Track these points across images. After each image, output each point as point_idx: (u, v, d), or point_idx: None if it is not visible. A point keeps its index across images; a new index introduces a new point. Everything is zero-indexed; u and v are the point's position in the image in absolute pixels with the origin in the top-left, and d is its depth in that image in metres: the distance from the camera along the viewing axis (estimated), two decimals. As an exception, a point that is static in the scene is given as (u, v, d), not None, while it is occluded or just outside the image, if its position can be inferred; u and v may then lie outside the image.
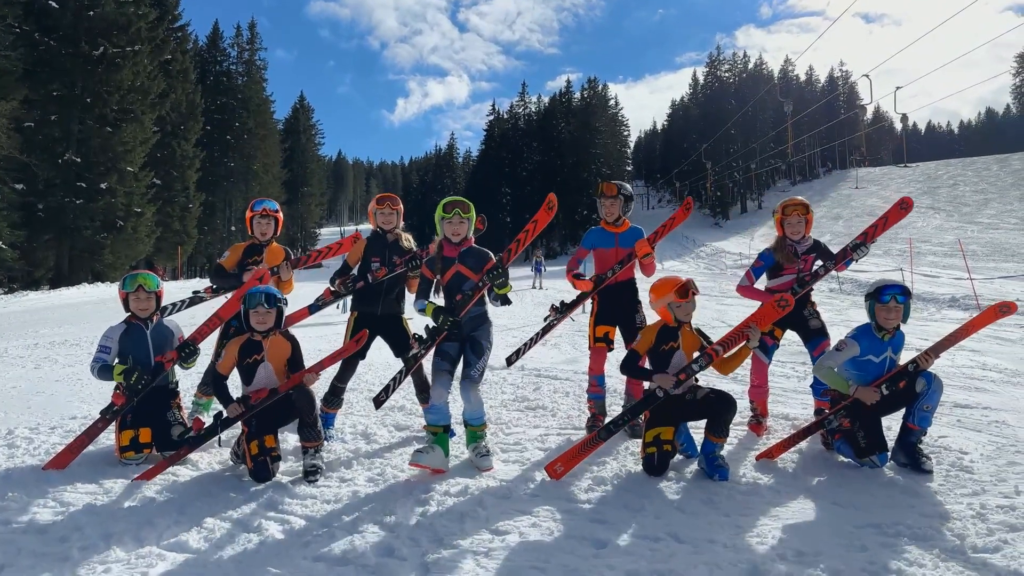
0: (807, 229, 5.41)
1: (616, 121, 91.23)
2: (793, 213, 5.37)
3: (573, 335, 11.35)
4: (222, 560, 3.24)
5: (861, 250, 5.15)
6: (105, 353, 4.84)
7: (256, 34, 66.05)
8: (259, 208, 5.78)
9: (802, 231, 5.38)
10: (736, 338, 4.55)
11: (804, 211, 5.38)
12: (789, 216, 5.38)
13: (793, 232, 5.39)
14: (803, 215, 5.37)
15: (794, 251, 5.39)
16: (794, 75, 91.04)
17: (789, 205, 5.43)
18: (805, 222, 5.38)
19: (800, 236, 5.39)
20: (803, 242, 5.41)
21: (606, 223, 5.65)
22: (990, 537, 3.39)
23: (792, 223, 5.38)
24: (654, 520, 3.68)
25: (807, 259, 5.38)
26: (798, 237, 5.39)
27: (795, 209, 5.38)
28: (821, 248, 5.46)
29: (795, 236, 5.39)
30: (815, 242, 5.46)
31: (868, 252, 5.19)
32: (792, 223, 5.38)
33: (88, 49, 31.76)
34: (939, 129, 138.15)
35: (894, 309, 4.53)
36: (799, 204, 5.42)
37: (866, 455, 4.46)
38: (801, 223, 5.37)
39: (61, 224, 31.68)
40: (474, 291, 4.71)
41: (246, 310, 4.64)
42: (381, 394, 5.10)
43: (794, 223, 5.38)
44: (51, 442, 5.21)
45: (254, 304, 4.61)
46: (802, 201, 5.46)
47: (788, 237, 5.41)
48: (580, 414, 6.04)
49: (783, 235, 5.44)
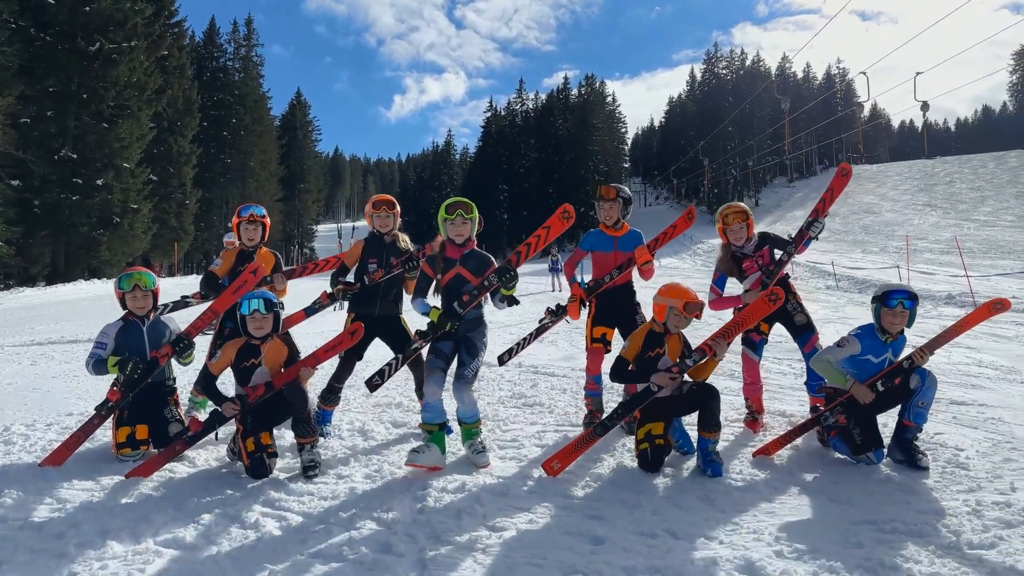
0: (749, 232, 5.48)
1: (614, 118, 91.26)
2: (734, 221, 5.45)
3: (571, 332, 11.36)
4: (219, 556, 3.24)
5: (815, 226, 5.29)
6: (101, 349, 4.84)
7: (253, 30, 65.92)
8: (246, 214, 5.76)
9: (744, 236, 5.46)
10: (705, 350, 4.56)
11: (744, 217, 5.46)
12: (731, 224, 5.46)
13: (736, 239, 5.48)
14: (743, 220, 5.45)
15: (739, 255, 5.47)
16: (791, 72, 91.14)
17: (728, 213, 5.50)
18: (746, 227, 5.45)
19: (743, 241, 5.47)
20: (747, 244, 5.48)
21: (605, 226, 5.64)
22: (986, 533, 3.40)
23: (734, 230, 5.46)
24: (651, 516, 3.69)
25: (762, 254, 5.45)
26: (741, 243, 5.48)
27: (735, 217, 5.46)
28: (771, 238, 5.54)
29: (738, 242, 5.48)
30: (760, 236, 5.54)
31: (823, 226, 5.31)
32: (734, 230, 5.46)
33: (84, 45, 31.65)
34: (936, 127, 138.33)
35: (900, 314, 4.53)
36: (738, 211, 5.49)
37: (862, 452, 4.47)
38: (743, 229, 5.45)
39: (57, 220, 31.60)
40: (480, 292, 4.70)
41: (242, 316, 4.62)
42: (375, 377, 5.04)
43: (736, 230, 5.46)
44: (47, 439, 5.20)
45: (250, 310, 4.59)
46: (740, 208, 5.52)
47: (732, 244, 5.47)
48: (577, 411, 6.04)
49: (727, 243, 5.51)
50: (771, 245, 5.48)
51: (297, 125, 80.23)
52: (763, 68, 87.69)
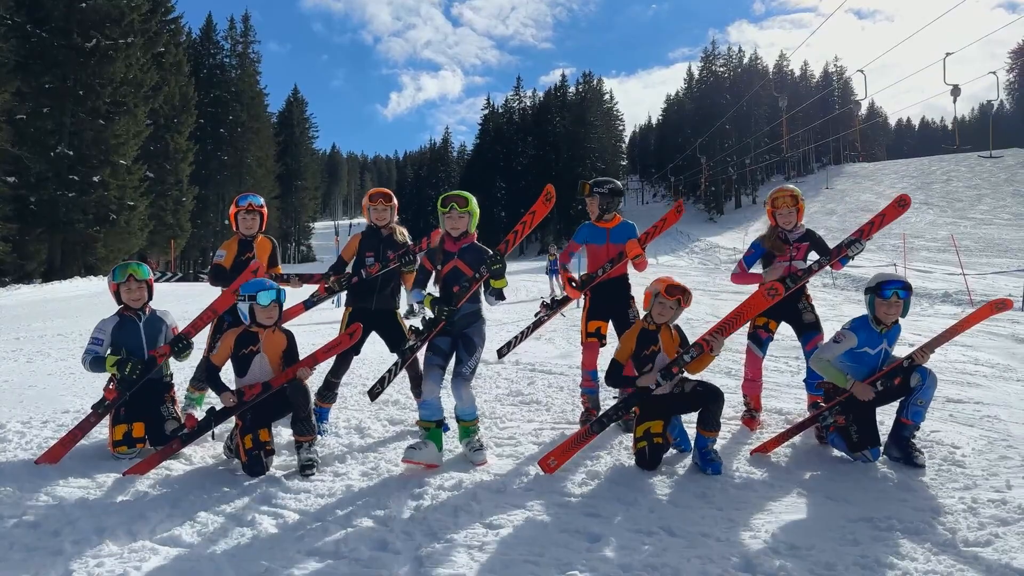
0: (799, 217, 5.45)
1: (611, 116, 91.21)
2: (783, 204, 5.41)
3: (567, 330, 11.36)
4: (215, 554, 3.24)
5: (856, 246, 5.20)
6: (97, 345, 4.82)
7: (250, 27, 65.90)
8: (244, 203, 5.75)
9: (793, 220, 5.42)
10: (726, 327, 4.56)
11: (793, 201, 5.42)
12: (779, 207, 5.43)
13: (785, 222, 5.43)
14: (792, 205, 5.41)
15: (784, 238, 5.42)
16: (789, 70, 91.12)
17: (778, 196, 5.47)
18: (796, 211, 5.42)
19: (792, 225, 5.43)
20: (795, 231, 5.44)
21: (598, 219, 5.65)
22: (981, 531, 3.40)
23: (783, 213, 5.42)
24: (647, 514, 3.69)
25: (800, 247, 5.41)
26: (790, 226, 5.43)
27: (784, 200, 5.42)
28: (815, 239, 5.49)
29: (787, 225, 5.43)
30: (808, 231, 5.49)
31: (863, 248, 5.23)
32: (783, 213, 5.42)
33: (80, 41, 31.55)
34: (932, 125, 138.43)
35: (895, 304, 4.54)
36: (788, 194, 5.46)
37: (859, 449, 4.48)
38: (792, 212, 5.40)
39: (53, 217, 31.51)
40: (471, 283, 4.71)
41: (252, 306, 4.61)
42: (376, 386, 5.10)
43: (784, 213, 5.41)
44: (43, 436, 5.19)
45: (268, 301, 4.59)
46: (791, 191, 5.49)
47: (780, 227, 5.44)
48: (574, 408, 6.05)
49: (775, 224, 5.47)
50: (812, 244, 5.45)
51: (294, 122, 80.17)
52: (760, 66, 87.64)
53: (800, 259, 5.40)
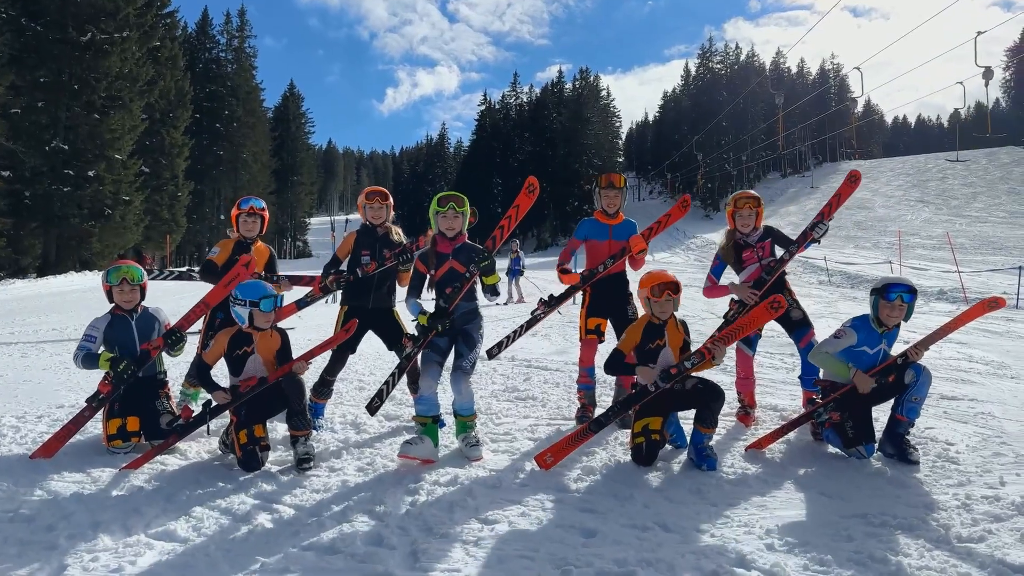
0: (758, 221, 5.49)
1: (608, 112, 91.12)
2: (744, 206, 5.46)
3: (564, 326, 11.36)
4: (210, 549, 3.23)
5: (819, 228, 5.30)
6: (90, 342, 4.81)
7: (246, 21, 65.63)
8: (246, 206, 5.74)
9: (752, 223, 5.47)
10: (729, 337, 4.57)
11: (755, 204, 5.47)
12: (740, 209, 5.46)
13: (743, 225, 5.48)
14: (754, 208, 5.46)
15: (743, 243, 5.47)
16: (786, 68, 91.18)
17: (740, 198, 5.50)
18: (756, 215, 5.46)
19: (750, 228, 5.47)
20: (752, 234, 5.48)
21: (604, 215, 5.63)
22: (975, 527, 3.42)
23: (743, 215, 5.46)
24: (643, 509, 3.70)
25: (763, 245, 5.46)
26: (748, 230, 5.48)
27: (747, 203, 5.46)
28: (775, 233, 5.55)
29: (745, 229, 5.48)
30: (766, 228, 5.55)
31: (827, 229, 5.33)
32: (743, 215, 5.46)
33: (75, 35, 31.41)
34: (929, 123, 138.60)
35: (899, 308, 4.55)
36: (750, 197, 5.50)
37: (854, 445, 4.49)
38: (752, 216, 5.45)
39: (48, 212, 31.40)
40: (463, 283, 4.70)
41: (252, 310, 4.60)
42: (375, 399, 5.07)
43: (745, 215, 5.46)
44: (38, 431, 5.18)
45: (270, 308, 4.58)
46: (753, 194, 5.54)
47: (738, 230, 5.49)
48: (570, 404, 6.05)
49: (733, 228, 5.52)
50: (774, 239, 5.49)
51: (290, 117, 79.87)
52: (757, 63, 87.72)
53: (767, 256, 5.44)
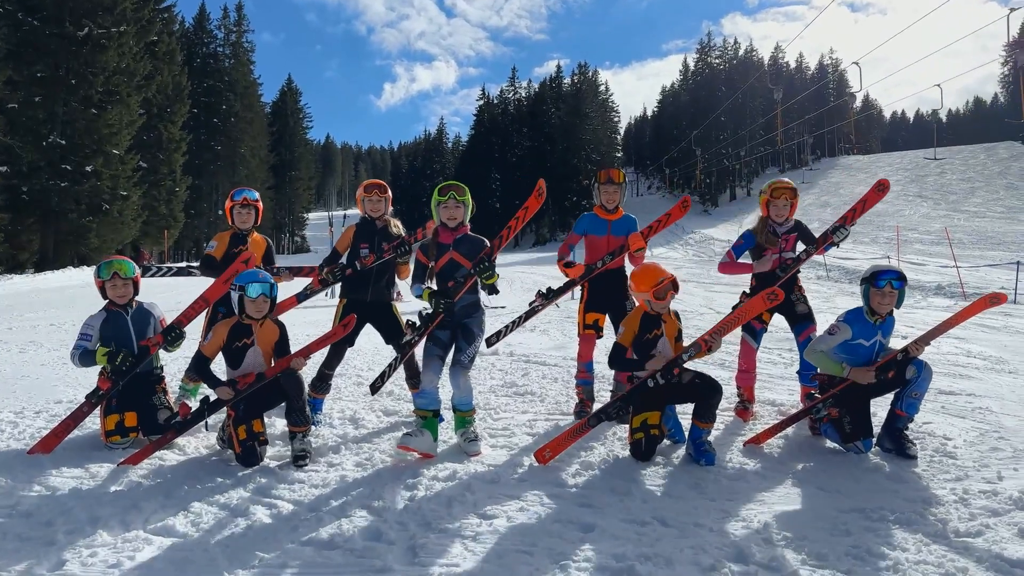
0: (791, 212, 5.47)
1: (606, 107, 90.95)
2: (781, 196, 5.42)
3: (562, 321, 11.36)
4: (209, 544, 3.24)
5: (840, 232, 5.27)
6: (86, 340, 4.79)
7: (243, 16, 65.24)
8: (239, 198, 5.74)
9: (786, 214, 5.45)
10: (725, 328, 4.57)
11: (792, 195, 5.44)
12: (777, 199, 5.43)
13: (778, 215, 5.44)
14: (790, 199, 5.43)
15: (774, 231, 5.44)
16: (784, 62, 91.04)
17: (778, 188, 5.46)
18: (790, 206, 5.43)
19: (783, 219, 5.45)
20: (784, 224, 5.46)
21: (603, 210, 5.62)
22: (972, 522, 3.43)
23: (778, 206, 5.43)
24: (641, 504, 3.70)
25: (788, 238, 5.44)
26: (781, 219, 5.45)
27: (783, 192, 5.42)
28: (803, 229, 5.53)
29: (779, 219, 5.45)
30: (796, 223, 5.52)
31: (848, 234, 5.30)
32: (778, 206, 5.43)
33: (72, 29, 31.28)
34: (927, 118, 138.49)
35: (889, 294, 4.55)
36: (787, 188, 5.46)
37: (852, 440, 4.50)
38: (787, 206, 5.42)
39: (46, 207, 31.31)
40: (466, 278, 4.70)
41: (241, 297, 4.59)
42: (377, 380, 5.10)
43: (780, 206, 5.42)
44: (36, 426, 5.18)
45: (256, 294, 4.56)
46: (790, 184, 5.51)
47: (772, 219, 5.45)
48: (568, 400, 6.05)
49: (767, 215, 5.48)
50: (800, 235, 5.48)
51: (288, 112, 79.57)
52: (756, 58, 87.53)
53: (789, 250, 5.43)
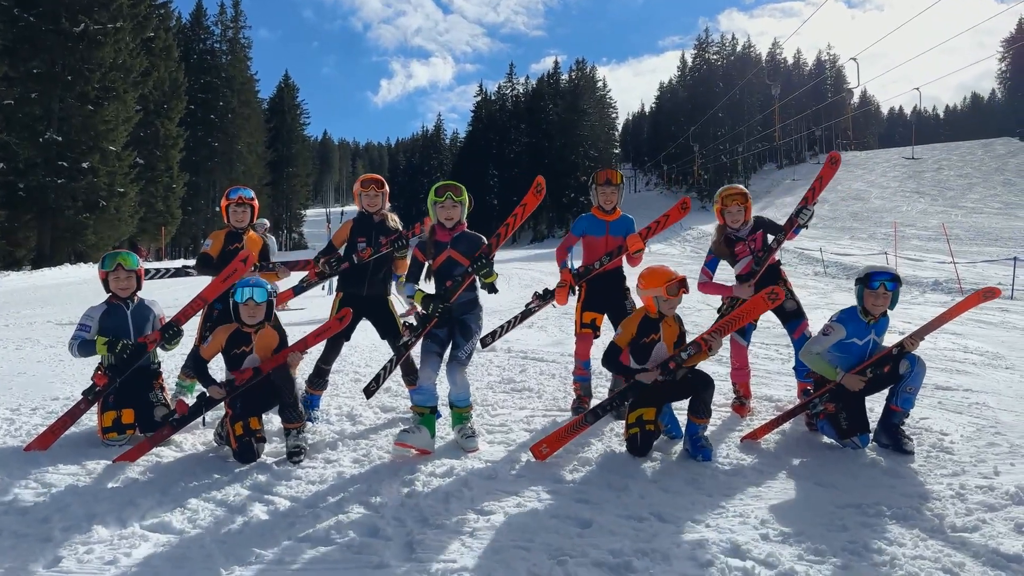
0: (747, 215, 5.49)
1: (604, 103, 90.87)
2: (733, 203, 5.47)
3: (559, 318, 11.36)
4: (205, 541, 3.23)
5: (804, 213, 5.34)
6: (85, 331, 4.79)
7: (240, 12, 65.01)
8: (234, 196, 5.73)
9: (741, 218, 5.48)
10: (725, 328, 4.57)
11: (743, 199, 5.48)
12: (729, 206, 5.47)
13: (733, 220, 5.49)
14: (742, 203, 5.46)
15: (735, 237, 5.48)
16: (782, 58, 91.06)
17: (728, 195, 5.51)
18: (744, 209, 5.47)
19: (739, 223, 5.48)
20: (743, 228, 5.49)
21: (601, 210, 5.61)
22: (969, 516, 3.44)
23: (732, 212, 5.47)
24: (638, 500, 3.70)
25: (755, 237, 5.47)
26: (737, 225, 5.49)
27: (734, 199, 5.48)
28: (766, 223, 5.56)
29: (735, 224, 5.49)
30: (756, 219, 5.55)
31: (812, 214, 5.36)
32: (732, 212, 5.47)
33: (69, 26, 31.14)
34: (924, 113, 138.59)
35: (883, 295, 4.56)
36: (737, 193, 5.52)
37: (848, 436, 4.51)
38: (740, 211, 5.46)
39: (42, 204, 31.21)
40: (464, 276, 4.70)
41: (235, 303, 4.58)
42: (372, 383, 5.09)
43: (734, 212, 5.47)
44: (33, 423, 5.17)
45: (244, 298, 4.55)
46: (740, 190, 5.56)
47: (728, 226, 5.49)
48: (566, 396, 6.05)
49: (723, 223, 5.52)
50: (765, 230, 5.50)
51: (285, 108, 79.39)
52: (754, 54, 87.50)
53: (759, 248, 5.45)
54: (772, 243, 5.41)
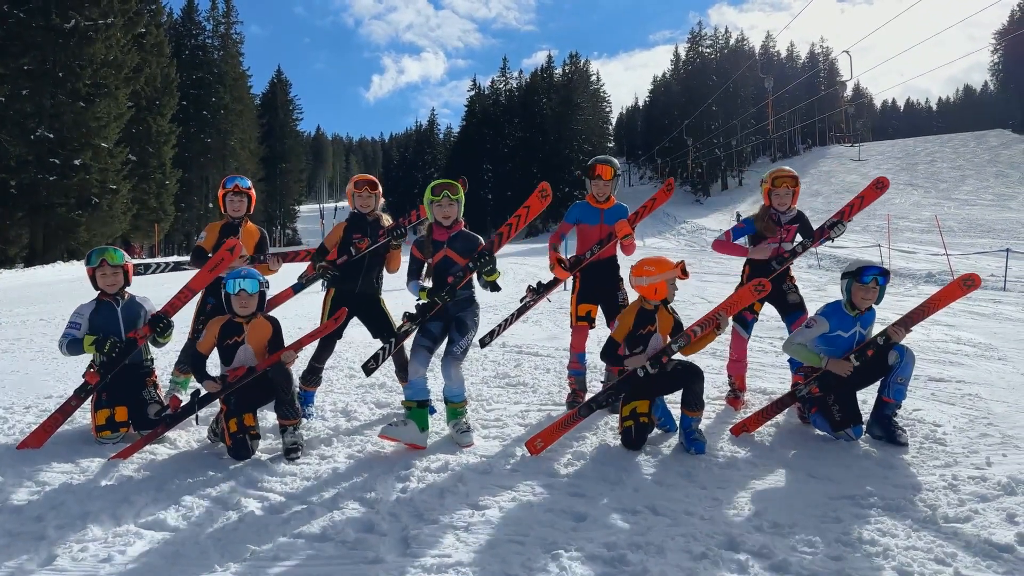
0: (794, 201, 5.46)
1: (598, 97, 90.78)
2: (782, 185, 5.40)
3: (554, 312, 11.37)
4: (200, 538, 3.23)
5: (838, 228, 5.28)
6: (75, 329, 4.77)
7: (232, 7, 64.73)
8: (231, 185, 5.70)
9: (788, 202, 5.43)
10: (710, 321, 4.57)
11: (793, 183, 5.43)
12: (778, 188, 5.41)
13: (780, 203, 5.43)
14: (791, 187, 5.42)
15: (777, 220, 5.43)
16: (775, 51, 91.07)
17: (779, 176, 5.44)
18: (792, 194, 5.43)
19: (786, 207, 5.44)
20: (787, 213, 5.45)
21: (595, 199, 5.61)
22: (961, 507, 3.45)
23: (780, 194, 5.41)
24: (632, 493, 3.71)
25: (790, 228, 5.44)
26: (784, 208, 5.44)
27: (784, 181, 5.41)
28: (804, 221, 5.51)
29: (781, 207, 5.44)
30: (799, 213, 5.51)
31: (845, 230, 5.31)
32: (780, 194, 5.41)
33: (59, 22, 30.98)
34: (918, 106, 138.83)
35: (872, 290, 4.57)
36: (788, 176, 5.45)
37: (841, 428, 4.52)
38: (789, 195, 5.42)
39: (34, 201, 31.11)
40: (464, 273, 4.69)
41: (227, 294, 4.57)
42: (370, 361, 5.07)
43: (782, 194, 5.41)
44: (26, 421, 5.16)
45: (236, 289, 4.54)
46: (791, 173, 5.49)
47: (774, 207, 5.44)
48: (560, 390, 6.06)
49: (769, 204, 5.47)
50: (801, 227, 5.47)
51: (278, 104, 79.08)
52: (747, 47, 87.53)
53: (788, 241, 5.42)
54: (798, 247, 5.37)
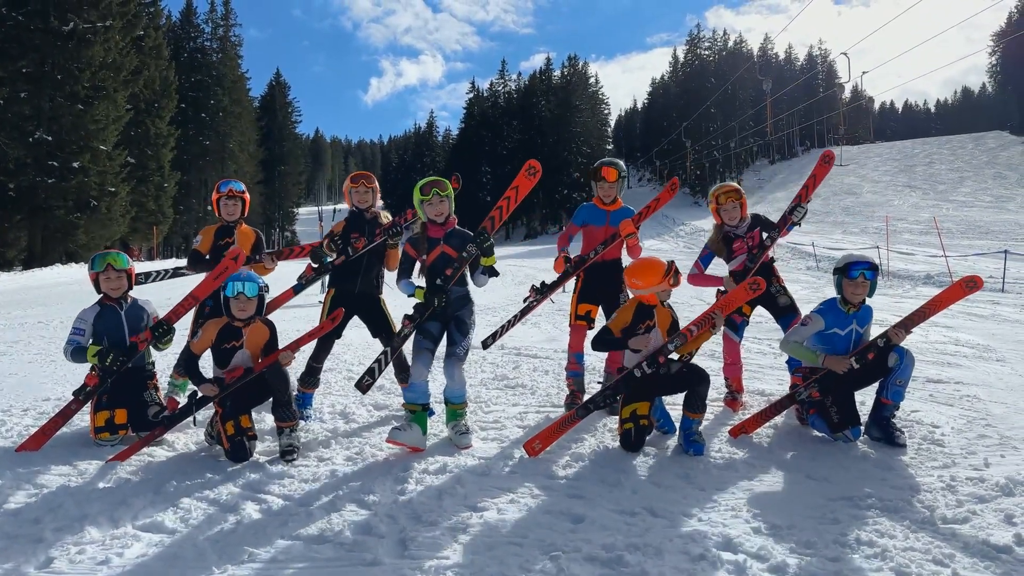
0: (743, 212, 5.51)
1: (596, 99, 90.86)
2: (728, 200, 5.48)
3: (553, 314, 11.37)
4: (198, 540, 3.22)
5: (798, 211, 5.35)
6: (79, 335, 4.76)
7: (230, 10, 64.80)
8: (225, 189, 5.72)
9: (738, 215, 5.50)
10: (707, 320, 4.58)
11: (737, 196, 5.50)
12: (724, 204, 5.49)
13: (730, 218, 5.50)
14: (737, 200, 5.48)
15: (732, 235, 5.50)
16: (773, 54, 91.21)
17: (722, 193, 5.52)
18: (739, 206, 5.49)
19: (736, 220, 5.49)
20: (740, 225, 5.51)
21: (601, 201, 5.61)
22: (959, 508, 3.45)
23: (728, 209, 5.49)
24: (631, 495, 3.71)
25: (752, 235, 5.48)
26: (735, 222, 5.50)
27: (729, 196, 5.49)
28: (762, 221, 5.57)
29: (732, 222, 5.51)
30: (753, 217, 5.57)
31: (806, 211, 5.38)
32: (728, 209, 5.49)
33: (58, 24, 30.96)
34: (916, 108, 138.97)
35: (861, 284, 4.59)
36: (731, 190, 5.53)
37: (839, 429, 4.52)
38: (736, 208, 5.48)
39: (33, 204, 31.06)
40: (462, 263, 4.69)
41: (226, 298, 4.57)
42: (365, 377, 5.06)
43: (729, 209, 5.48)
44: (24, 424, 5.15)
45: (235, 292, 4.54)
46: (734, 187, 5.57)
47: (726, 224, 5.50)
48: (559, 392, 6.06)
49: (721, 222, 5.54)
50: (762, 227, 5.50)
51: (276, 107, 79.17)
52: (745, 50, 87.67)
53: (756, 244, 5.45)
54: (766, 240, 5.42)
